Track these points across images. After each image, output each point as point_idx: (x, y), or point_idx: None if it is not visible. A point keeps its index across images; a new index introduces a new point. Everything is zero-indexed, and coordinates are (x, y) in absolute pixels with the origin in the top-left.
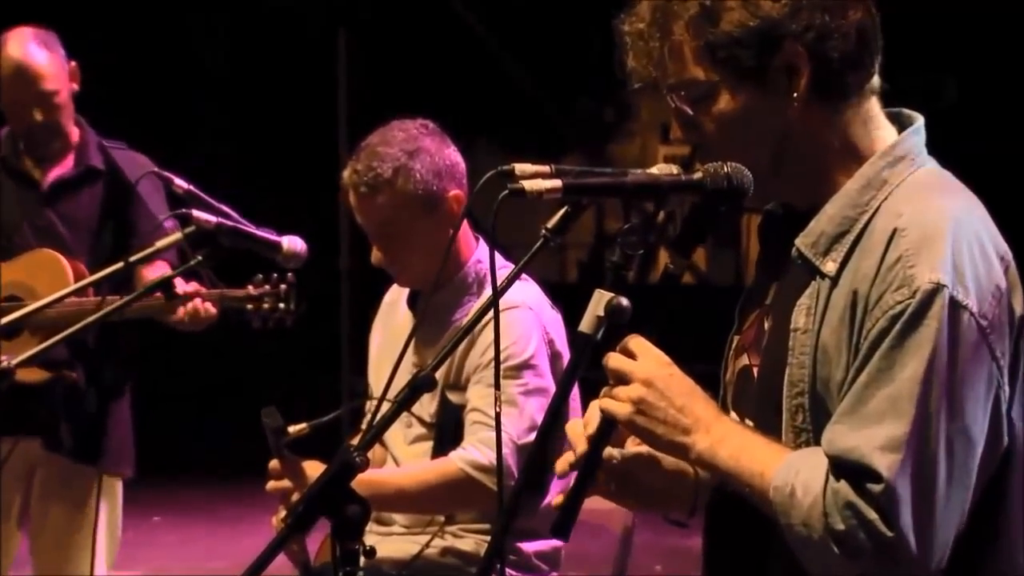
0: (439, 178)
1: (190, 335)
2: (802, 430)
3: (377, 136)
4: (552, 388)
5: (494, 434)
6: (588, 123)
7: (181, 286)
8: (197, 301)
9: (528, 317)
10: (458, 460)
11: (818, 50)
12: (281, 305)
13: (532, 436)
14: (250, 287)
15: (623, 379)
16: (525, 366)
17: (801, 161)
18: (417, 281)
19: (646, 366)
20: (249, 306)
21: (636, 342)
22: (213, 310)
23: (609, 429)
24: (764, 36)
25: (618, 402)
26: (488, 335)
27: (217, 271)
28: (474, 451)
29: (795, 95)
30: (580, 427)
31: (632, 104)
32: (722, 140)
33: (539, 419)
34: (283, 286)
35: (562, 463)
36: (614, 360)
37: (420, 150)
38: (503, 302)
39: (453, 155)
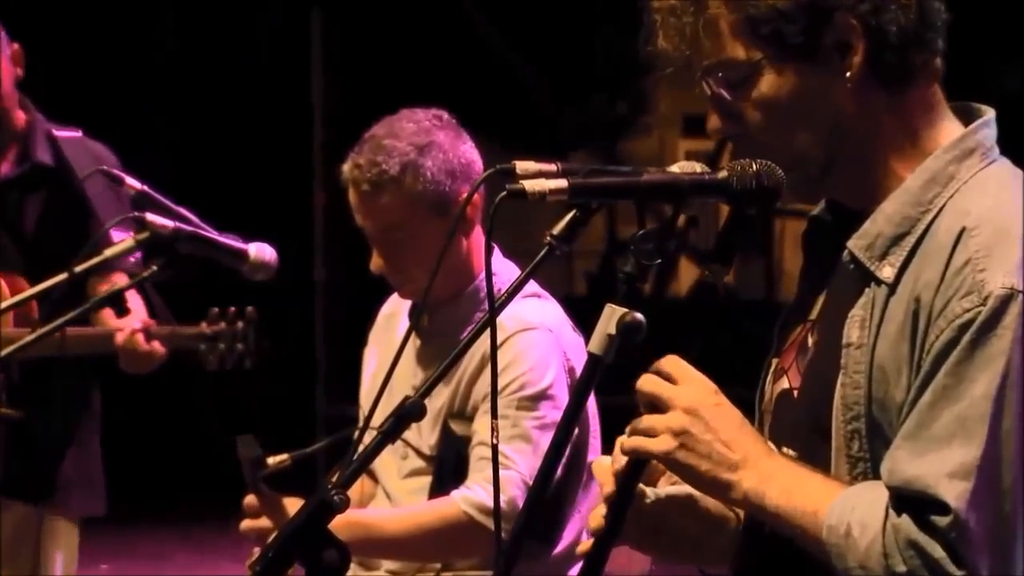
0: (452, 178)
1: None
2: (858, 459)
3: (383, 127)
4: None
5: (504, 472)
6: (599, 116)
7: (127, 321)
8: (138, 335)
9: (546, 340)
10: (461, 501)
11: (873, 24)
12: (239, 345)
13: None
14: (204, 324)
15: (660, 406)
16: (542, 396)
17: (855, 152)
18: (423, 294)
19: (690, 393)
20: (203, 346)
21: (674, 364)
22: (160, 349)
23: (640, 466)
24: (812, 8)
25: (656, 435)
26: (503, 358)
27: (173, 308)
28: (480, 491)
29: (848, 75)
30: (607, 464)
31: (649, 95)
32: (766, 128)
33: None
34: (240, 323)
35: (595, 518)
36: (650, 384)
37: (432, 145)
38: (518, 322)
39: (469, 152)
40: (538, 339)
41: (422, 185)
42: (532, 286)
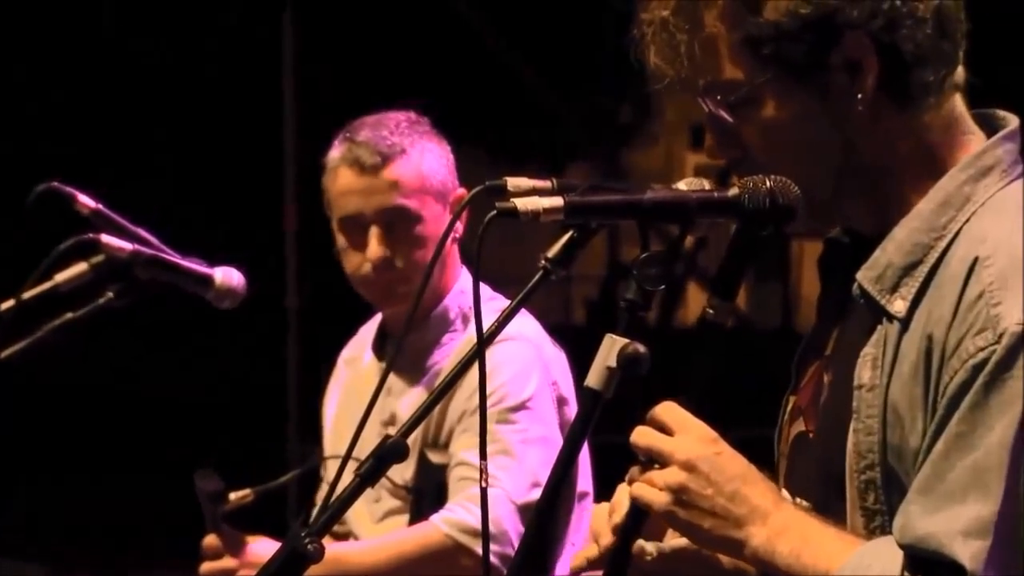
0: (447, 170)
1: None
2: (875, 512)
3: (371, 117)
4: (557, 439)
5: (487, 490)
6: (600, 124)
7: None
8: None
9: (526, 351)
10: (442, 523)
11: (887, 41)
12: None
13: (534, 495)
14: None
15: (657, 461)
16: (522, 408)
17: (867, 178)
18: (414, 300)
19: (686, 444)
20: None
21: (671, 412)
22: None
23: (640, 518)
24: (820, 26)
25: (654, 490)
26: (475, 374)
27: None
28: (462, 511)
29: (859, 97)
30: (605, 514)
31: (654, 101)
32: (770, 155)
33: (542, 475)
34: None
35: (579, 558)
36: (645, 437)
37: (430, 134)
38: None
39: (451, 154)
40: (517, 350)
41: (428, 164)
42: (505, 302)
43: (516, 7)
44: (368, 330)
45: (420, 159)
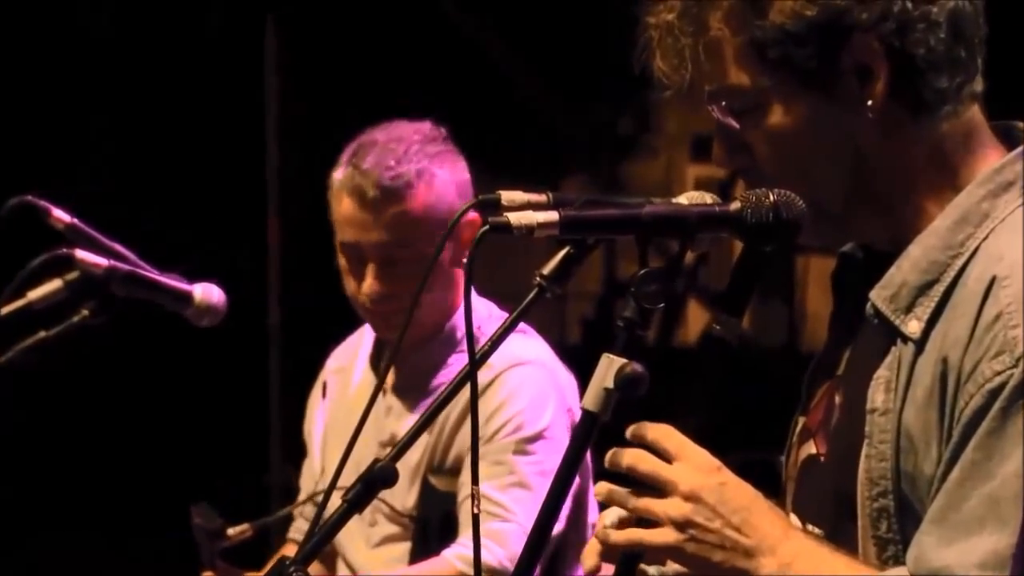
0: (459, 193)
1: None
2: (888, 541)
3: (381, 132)
4: None
5: (503, 525)
6: (599, 136)
7: None
8: None
9: (541, 376)
10: (456, 560)
11: (898, 45)
12: None
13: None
14: None
15: (658, 489)
16: (539, 438)
17: (880, 190)
18: (402, 328)
19: (689, 474)
20: None
21: (670, 437)
22: None
23: (637, 557)
24: (827, 29)
25: (656, 531)
26: (489, 400)
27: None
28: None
29: (869, 104)
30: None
31: (655, 113)
32: (777, 164)
33: None
34: None
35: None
36: (645, 463)
37: (442, 154)
38: (508, 358)
39: (466, 170)
40: (532, 375)
41: (435, 196)
42: None
43: (513, 13)
44: (359, 340)
45: (427, 191)
